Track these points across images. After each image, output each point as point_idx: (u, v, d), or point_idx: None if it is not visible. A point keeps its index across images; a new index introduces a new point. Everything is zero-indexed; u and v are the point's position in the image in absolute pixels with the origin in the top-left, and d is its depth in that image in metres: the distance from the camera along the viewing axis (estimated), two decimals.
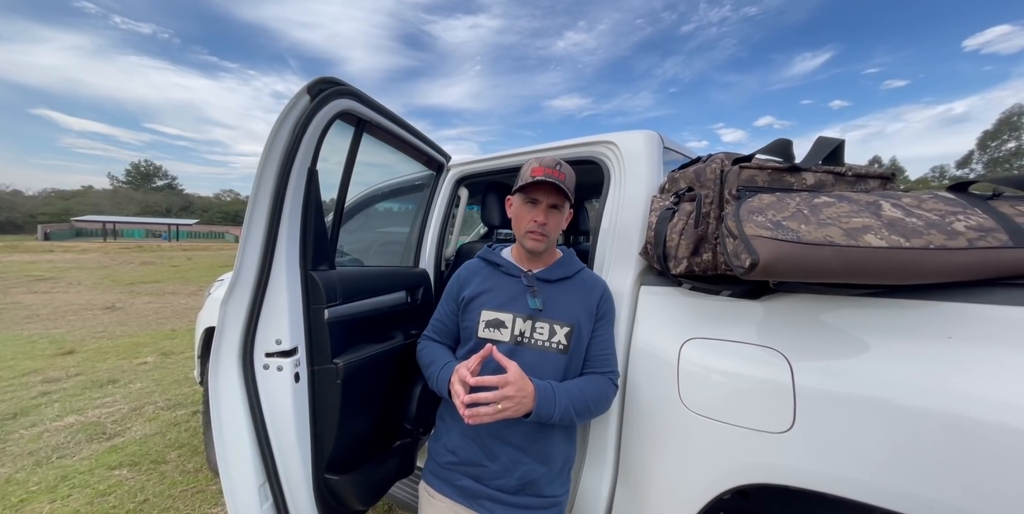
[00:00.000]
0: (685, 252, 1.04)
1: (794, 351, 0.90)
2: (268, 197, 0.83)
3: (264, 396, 0.86)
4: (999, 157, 58.03)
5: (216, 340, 0.83)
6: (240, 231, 1.08)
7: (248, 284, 0.84)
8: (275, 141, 0.82)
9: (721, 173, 1.03)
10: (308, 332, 0.93)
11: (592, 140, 1.48)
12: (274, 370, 0.86)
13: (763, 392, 0.91)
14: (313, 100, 0.85)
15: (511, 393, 0.89)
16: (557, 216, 1.12)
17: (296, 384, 0.89)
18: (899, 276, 0.73)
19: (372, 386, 1.18)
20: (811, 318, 0.91)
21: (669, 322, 1.12)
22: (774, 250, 0.76)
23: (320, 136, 0.90)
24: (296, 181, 0.87)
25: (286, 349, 0.87)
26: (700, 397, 1.01)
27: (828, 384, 0.83)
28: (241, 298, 0.84)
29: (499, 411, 0.88)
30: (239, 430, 0.83)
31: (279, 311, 0.87)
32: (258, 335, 0.86)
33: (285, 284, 0.87)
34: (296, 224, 0.90)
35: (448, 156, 1.70)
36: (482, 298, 1.13)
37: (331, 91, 0.89)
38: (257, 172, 0.82)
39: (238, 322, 0.84)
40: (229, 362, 0.83)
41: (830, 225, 0.78)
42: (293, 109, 0.83)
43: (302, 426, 0.91)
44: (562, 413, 0.96)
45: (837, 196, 0.86)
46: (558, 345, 1.08)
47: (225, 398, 0.83)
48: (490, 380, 0.89)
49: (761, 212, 0.85)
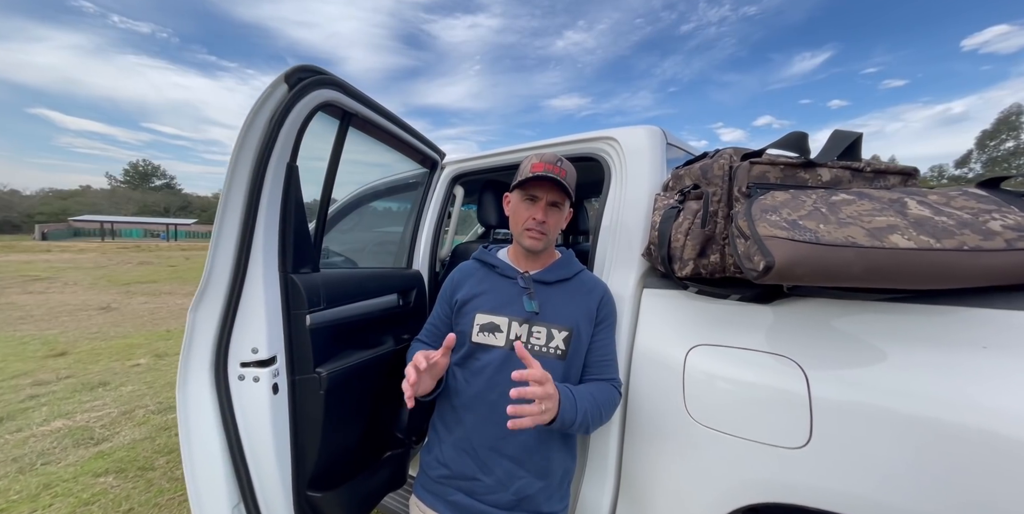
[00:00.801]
0: (691, 253, 0.98)
1: (809, 360, 0.83)
2: (242, 194, 0.77)
3: (239, 409, 0.79)
4: (998, 156, 58.06)
5: (184, 350, 0.77)
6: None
7: (220, 289, 0.77)
8: (249, 133, 0.76)
9: (730, 169, 0.97)
10: (288, 340, 0.87)
11: (592, 136, 1.42)
12: (250, 381, 0.80)
13: (776, 404, 0.84)
14: (291, 90, 0.78)
15: (552, 391, 0.81)
16: (557, 214, 1.06)
17: (275, 396, 0.83)
18: (929, 280, 0.67)
19: (360, 395, 1.12)
20: (827, 324, 0.84)
21: (674, 327, 1.06)
22: (791, 252, 0.70)
23: (300, 129, 0.84)
24: (273, 177, 0.80)
25: (263, 358, 0.81)
26: (708, 408, 0.95)
27: (848, 396, 0.77)
28: (212, 304, 0.77)
29: (541, 413, 0.79)
30: (210, 447, 0.76)
31: (255, 317, 0.80)
32: (232, 344, 0.79)
33: (262, 288, 0.81)
34: (274, 224, 0.84)
35: (442, 153, 1.64)
36: (476, 301, 1.07)
37: (311, 80, 0.82)
38: (229, 167, 0.75)
39: (209, 330, 0.77)
40: (199, 373, 0.77)
41: (851, 224, 0.72)
42: (269, 99, 0.77)
43: (281, 441, 0.84)
44: (582, 419, 0.89)
45: (857, 193, 0.80)
46: (556, 350, 1.02)
47: (195, 413, 0.77)
48: (531, 373, 0.78)
49: (775, 210, 0.79)
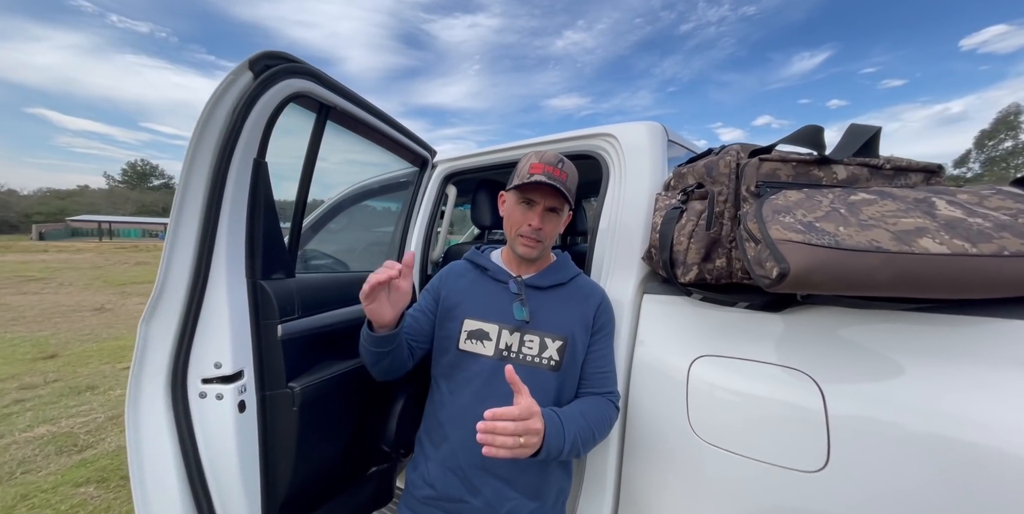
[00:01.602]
0: (695, 258, 0.91)
1: (825, 374, 0.77)
2: (201, 194, 0.69)
3: (200, 430, 0.72)
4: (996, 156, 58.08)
5: (135, 366, 0.69)
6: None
7: (177, 298, 0.70)
8: (208, 125, 0.68)
9: (737, 166, 0.90)
10: (257, 352, 0.80)
11: (589, 133, 1.35)
12: (212, 399, 0.72)
13: (789, 422, 0.77)
14: (257, 78, 0.71)
15: (539, 426, 0.74)
16: (554, 220, 0.98)
17: (241, 414, 0.75)
18: (964, 289, 0.60)
19: (340, 409, 1.05)
20: (844, 336, 0.77)
21: (676, 336, 0.99)
22: (808, 257, 0.63)
23: (268, 122, 0.76)
24: (238, 175, 0.73)
25: (228, 373, 0.74)
26: (713, 424, 0.88)
27: (869, 415, 0.70)
28: (168, 315, 0.70)
29: (520, 447, 0.71)
30: (166, 474, 0.68)
31: (218, 329, 0.73)
32: (192, 358, 0.72)
33: (226, 297, 0.73)
34: (240, 226, 0.76)
35: (433, 151, 1.57)
36: (465, 305, 1.00)
37: (280, 69, 0.75)
38: (185, 162, 0.68)
39: (165, 344, 0.70)
40: (153, 392, 0.69)
41: (875, 227, 0.65)
42: (231, 88, 0.69)
43: (248, 464, 0.77)
44: (571, 447, 0.81)
45: (878, 192, 0.73)
46: (549, 361, 0.95)
47: (148, 436, 0.69)
48: (508, 412, 0.71)
49: (788, 211, 0.72)
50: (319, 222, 1.97)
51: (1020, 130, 56.40)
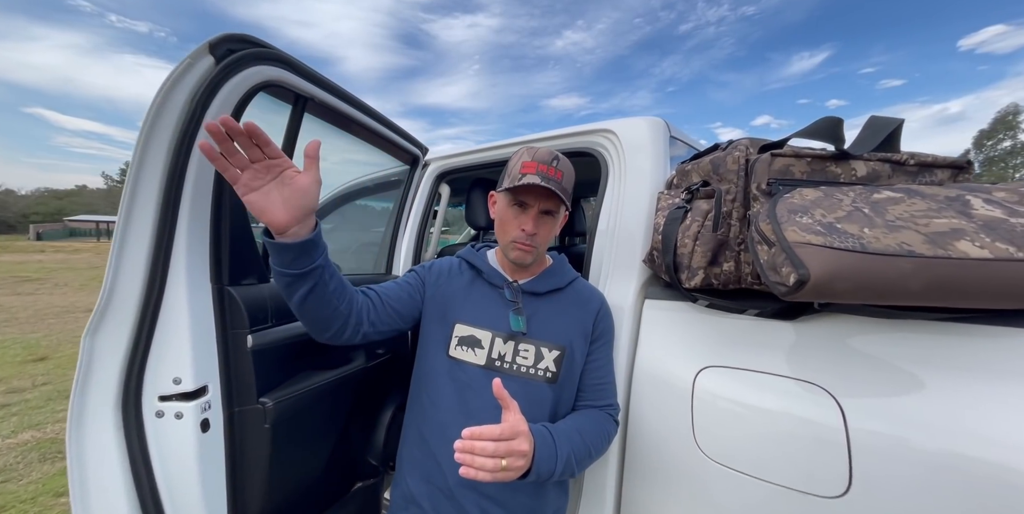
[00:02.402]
0: (701, 261, 0.84)
1: (844, 388, 0.70)
2: (155, 190, 0.62)
3: (157, 453, 0.65)
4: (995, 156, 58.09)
5: (79, 385, 0.61)
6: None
7: (128, 307, 0.63)
8: (161, 114, 0.61)
9: (746, 163, 0.83)
10: (224, 365, 0.73)
11: (587, 129, 1.29)
12: (171, 418, 0.65)
13: (805, 441, 0.71)
14: (219, 63, 0.64)
15: (525, 448, 0.66)
16: (549, 223, 0.91)
17: (204, 434, 0.68)
18: (1009, 297, 0.53)
19: (321, 422, 0.98)
20: (865, 347, 0.71)
21: (680, 345, 0.92)
22: (830, 262, 0.56)
23: (234, 113, 0.70)
24: (199, 170, 0.66)
25: (189, 390, 0.67)
26: (721, 441, 0.81)
27: (897, 434, 0.64)
28: (117, 326, 0.63)
29: (503, 470, 0.64)
30: (115, 504, 0.61)
31: (177, 340, 0.66)
32: (148, 374, 0.65)
33: (186, 305, 0.66)
34: (203, 226, 0.70)
35: (425, 148, 1.50)
36: (457, 308, 0.92)
37: (245, 54, 0.68)
38: (135, 156, 0.61)
39: (114, 359, 0.63)
40: (100, 413, 0.62)
41: (904, 228, 0.58)
42: (188, 73, 0.62)
43: (213, 489, 0.69)
44: (563, 467, 0.74)
45: (904, 190, 0.66)
46: (545, 373, 0.88)
47: (94, 463, 0.61)
48: (490, 431, 0.64)
49: (806, 211, 0.65)
50: None
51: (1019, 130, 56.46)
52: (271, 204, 0.64)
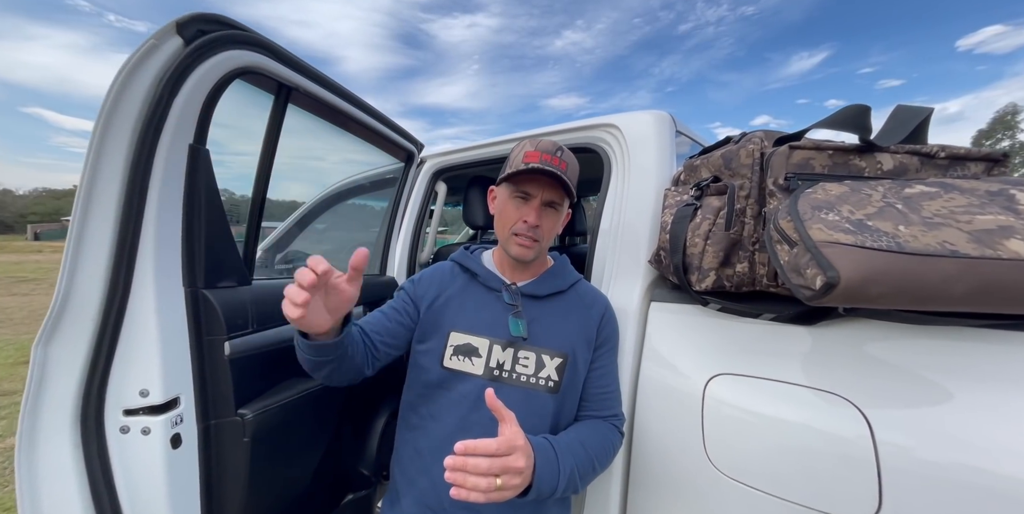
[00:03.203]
0: (713, 262, 0.79)
1: (871, 400, 0.64)
2: (116, 185, 0.56)
3: (121, 473, 0.58)
4: None
5: (30, 400, 0.54)
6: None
7: (87, 314, 0.56)
8: (122, 100, 0.55)
9: (761, 156, 0.78)
10: (198, 375, 0.67)
11: (590, 124, 1.24)
12: (137, 434, 0.59)
13: (828, 456, 0.65)
14: (188, 45, 0.58)
15: (521, 464, 0.60)
16: (553, 217, 0.86)
17: (175, 450, 0.62)
18: None
19: (308, 432, 0.92)
20: (894, 355, 0.65)
21: (690, 351, 0.87)
22: (863, 263, 0.51)
23: (207, 101, 0.64)
24: (167, 163, 0.60)
25: (157, 402, 0.61)
26: (734, 454, 0.76)
27: (933, 453, 0.58)
28: (74, 335, 0.56)
29: (498, 489, 0.58)
30: None
31: (145, 349, 0.60)
32: (110, 386, 0.58)
33: (154, 309, 0.61)
34: (173, 224, 0.64)
35: (420, 145, 1.44)
36: (451, 316, 0.87)
37: (218, 36, 0.62)
38: (91, 146, 0.55)
39: (72, 370, 0.57)
40: (56, 430, 0.56)
41: (944, 226, 0.53)
42: (152, 56, 0.56)
43: (185, 510, 0.64)
44: (566, 484, 0.68)
45: (939, 184, 0.60)
46: (547, 382, 0.83)
47: (47, 484, 0.55)
48: (485, 446, 0.58)
49: (831, 207, 0.59)
50: (303, 221, 1.85)
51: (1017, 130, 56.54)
52: (316, 314, 0.64)
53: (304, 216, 1.84)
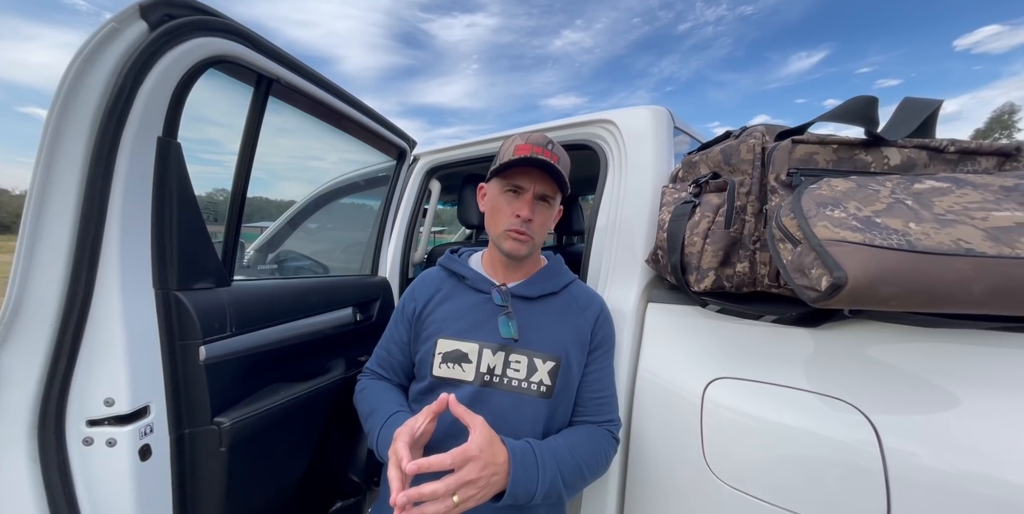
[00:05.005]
0: (712, 261, 0.76)
1: (877, 405, 0.61)
2: (74, 179, 0.53)
3: (84, 488, 0.55)
4: None
5: None
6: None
7: (44, 318, 0.52)
8: (79, 89, 0.51)
9: (763, 151, 0.74)
10: (170, 381, 0.63)
11: (586, 120, 1.21)
12: (102, 446, 0.56)
13: (832, 465, 0.62)
14: (153, 30, 0.55)
15: (474, 476, 0.59)
16: (546, 211, 0.83)
17: (144, 463, 0.59)
18: None
19: (292, 440, 0.88)
20: (903, 360, 0.62)
21: (688, 354, 0.84)
22: (872, 263, 0.48)
23: (176, 92, 0.60)
24: (133, 157, 0.57)
25: (124, 412, 0.57)
26: (736, 463, 0.72)
27: (945, 463, 0.55)
28: (30, 341, 0.52)
29: (456, 506, 0.58)
30: None
31: (110, 355, 0.56)
32: (72, 395, 0.55)
33: (120, 313, 0.57)
34: (142, 222, 0.60)
35: (412, 141, 1.41)
36: (439, 322, 0.84)
37: (187, 22, 0.58)
38: (43, 139, 0.50)
39: (27, 379, 0.53)
40: (11, 441, 0.52)
41: (958, 223, 0.50)
42: (113, 40, 0.52)
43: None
44: (547, 489, 0.66)
45: (950, 179, 0.57)
46: (539, 386, 0.80)
47: (1, 500, 0.52)
48: (439, 462, 0.58)
49: (837, 204, 0.56)
50: (294, 220, 1.81)
51: (1014, 129, 56.82)
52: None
53: (295, 215, 1.81)
